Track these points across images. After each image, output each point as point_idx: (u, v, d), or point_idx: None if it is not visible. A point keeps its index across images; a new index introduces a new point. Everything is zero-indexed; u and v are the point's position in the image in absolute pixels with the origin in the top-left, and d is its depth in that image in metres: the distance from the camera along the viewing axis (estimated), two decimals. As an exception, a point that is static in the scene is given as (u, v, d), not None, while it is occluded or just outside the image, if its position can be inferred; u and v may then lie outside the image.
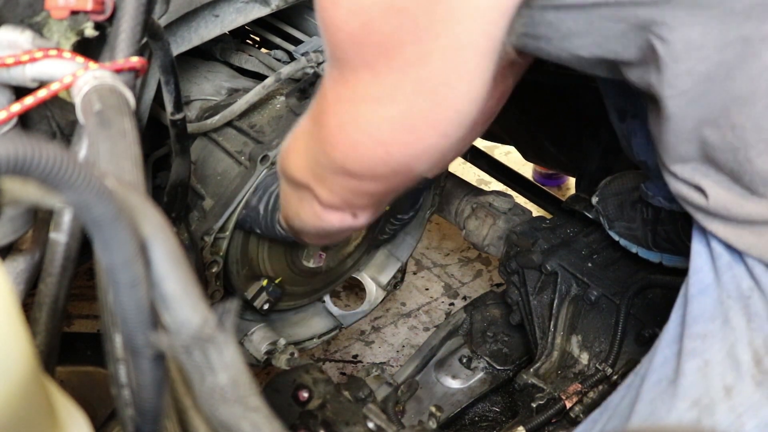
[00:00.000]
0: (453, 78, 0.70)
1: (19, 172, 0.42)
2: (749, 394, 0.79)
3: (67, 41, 0.82)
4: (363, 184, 0.82)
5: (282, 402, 1.03)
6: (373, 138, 0.75)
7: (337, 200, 0.88)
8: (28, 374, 0.50)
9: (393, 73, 0.70)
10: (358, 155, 0.78)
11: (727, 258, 0.82)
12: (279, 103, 1.35)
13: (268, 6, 1.18)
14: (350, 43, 0.70)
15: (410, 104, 0.71)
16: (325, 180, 0.86)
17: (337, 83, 0.75)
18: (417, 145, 0.75)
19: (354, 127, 0.76)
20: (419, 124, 0.73)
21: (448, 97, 0.71)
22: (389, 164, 0.77)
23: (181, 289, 0.50)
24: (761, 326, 0.79)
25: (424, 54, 0.68)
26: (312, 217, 0.96)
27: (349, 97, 0.74)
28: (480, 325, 1.68)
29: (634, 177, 1.45)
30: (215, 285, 1.32)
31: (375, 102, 0.73)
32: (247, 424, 0.50)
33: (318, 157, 0.84)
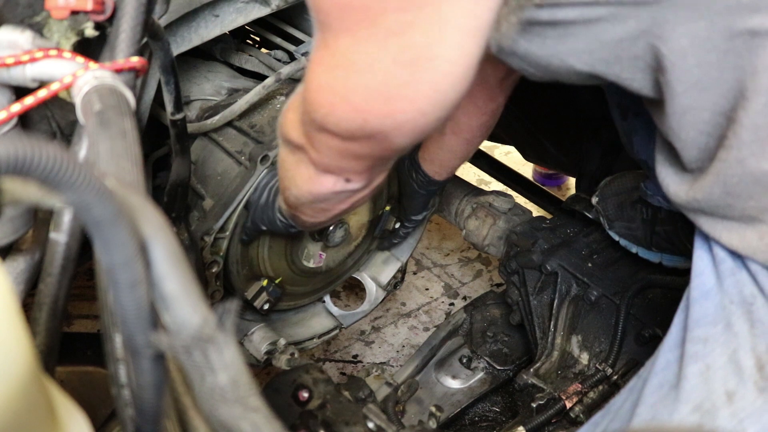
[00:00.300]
0: (434, 52, 0.69)
1: (19, 172, 0.42)
2: (751, 400, 0.79)
3: (67, 41, 0.82)
4: (345, 144, 0.82)
5: (282, 402, 1.03)
6: (350, 103, 0.75)
7: (326, 160, 0.88)
8: (28, 374, 0.50)
9: (373, 41, 0.70)
10: (336, 118, 0.78)
11: (730, 263, 0.82)
12: (279, 103, 1.35)
13: (268, 6, 1.19)
14: (333, 8, 0.70)
15: (387, 74, 0.71)
16: (313, 139, 0.86)
17: (319, 47, 0.76)
18: (393, 116, 0.74)
19: (331, 91, 0.76)
20: (396, 95, 0.72)
21: (427, 72, 0.70)
22: (365, 129, 0.77)
23: (181, 289, 0.50)
24: (764, 332, 0.79)
25: (406, 24, 0.67)
26: (307, 181, 0.96)
27: (329, 61, 0.74)
28: (480, 325, 1.68)
29: (634, 177, 1.45)
30: (215, 285, 1.32)
31: (353, 68, 0.72)
32: (247, 424, 0.50)
33: (303, 116, 0.85)
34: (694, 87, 0.73)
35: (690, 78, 0.73)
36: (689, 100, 0.75)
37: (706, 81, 0.73)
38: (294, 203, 1.07)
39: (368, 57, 0.71)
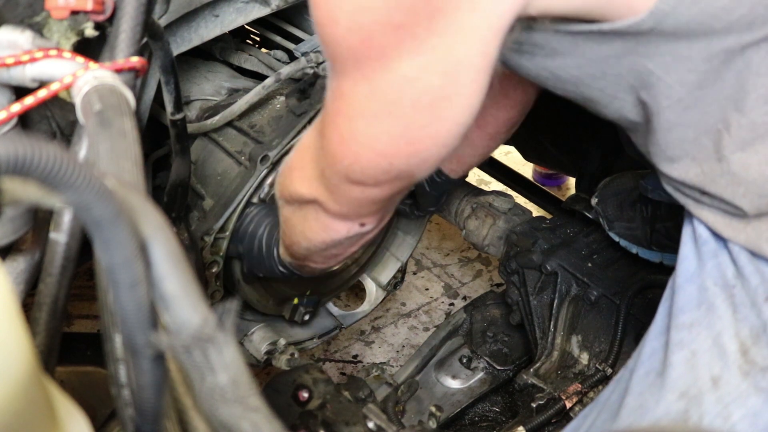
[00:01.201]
0: (451, 93, 0.71)
1: (19, 172, 0.42)
2: (736, 384, 0.80)
3: (67, 41, 0.82)
4: (368, 191, 0.84)
5: (282, 402, 1.03)
6: (374, 150, 0.76)
7: (345, 209, 0.90)
8: (28, 374, 0.50)
9: (391, 88, 0.71)
10: (361, 167, 0.79)
11: (713, 245, 0.83)
12: (279, 103, 1.35)
13: (268, 6, 1.18)
14: (349, 57, 0.70)
15: (409, 119, 0.72)
16: (332, 190, 0.87)
17: (336, 97, 0.76)
18: (417, 155, 0.76)
19: (354, 141, 0.77)
20: (419, 137, 0.74)
21: (446, 111, 0.72)
22: (391, 173, 0.79)
23: (181, 289, 0.50)
24: (746, 316, 0.80)
25: (423, 69, 0.68)
26: (320, 231, 0.97)
27: (348, 111, 0.75)
28: (480, 325, 1.68)
29: (634, 177, 1.45)
30: (215, 285, 1.32)
31: (373, 117, 0.74)
32: (247, 424, 0.50)
33: (323, 169, 0.85)
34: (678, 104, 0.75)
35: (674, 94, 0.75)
36: (674, 116, 0.77)
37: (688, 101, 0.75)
38: (304, 255, 1.08)
39: (387, 104, 0.72)
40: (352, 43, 0.68)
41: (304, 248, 1.05)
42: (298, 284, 1.49)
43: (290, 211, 1.01)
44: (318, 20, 0.70)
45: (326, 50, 0.73)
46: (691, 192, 0.84)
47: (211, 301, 1.32)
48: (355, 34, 0.67)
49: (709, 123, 0.77)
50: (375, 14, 0.65)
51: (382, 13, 0.64)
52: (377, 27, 0.66)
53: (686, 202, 0.86)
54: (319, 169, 0.87)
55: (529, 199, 2.15)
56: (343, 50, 0.70)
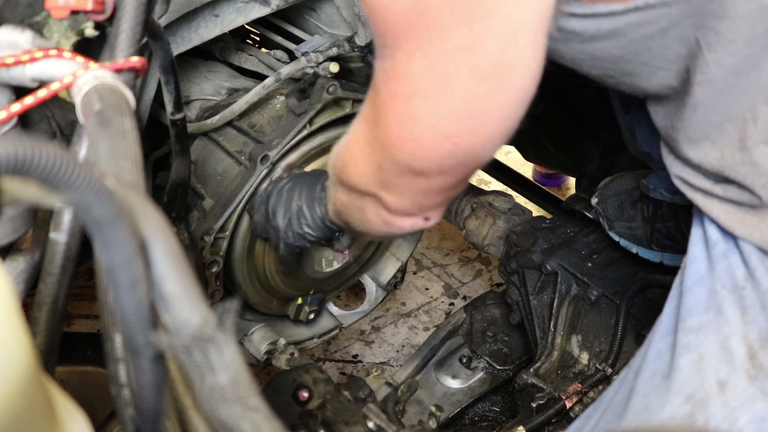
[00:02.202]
0: (511, 58, 0.67)
1: (19, 172, 0.42)
2: (743, 389, 0.79)
3: (67, 41, 0.82)
4: (431, 180, 0.79)
5: (282, 402, 1.03)
6: (437, 131, 0.72)
7: (407, 204, 0.85)
8: (28, 374, 0.50)
9: (448, 59, 0.67)
10: (424, 151, 0.74)
11: (723, 246, 0.82)
12: (279, 103, 1.35)
13: (268, 6, 1.18)
14: (402, 26, 0.67)
15: (470, 91, 0.69)
16: (392, 185, 0.82)
17: (390, 77, 0.72)
18: (482, 131, 0.72)
19: (415, 123, 0.72)
20: (482, 110, 0.70)
21: (508, 78, 0.69)
22: (456, 155, 0.74)
23: (181, 289, 0.50)
24: (756, 319, 0.79)
25: (480, 35, 0.65)
26: (380, 225, 0.91)
27: (405, 91, 0.71)
28: (480, 325, 1.68)
29: (634, 177, 1.45)
30: (215, 285, 1.32)
31: (433, 94, 0.70)
32: (247, 424, 0.50)
33: (381, 163, 0.80)
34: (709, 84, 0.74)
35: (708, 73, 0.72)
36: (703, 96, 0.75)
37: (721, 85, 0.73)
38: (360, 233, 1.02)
39: (446, 77, 0.68)
40: (403, 6, 0.65)
41: (362, 231, 0.99)
42: (299, 284, 1.50)
43: (348, 197, 0.95)
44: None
45: (376, 22, 0.70)
46: (703, 182, 0.82)
47: (211, 301, 1.32)
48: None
49: (736, 111, 0.74)
50: None
51: None
52: None
53: (695, 197, 0.84)
54: (375, 164, 0.81)
55: (529, 199, 2.15)
56: (394, 18, 0.67)
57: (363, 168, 0.84)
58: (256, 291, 1.43)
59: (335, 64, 1.28)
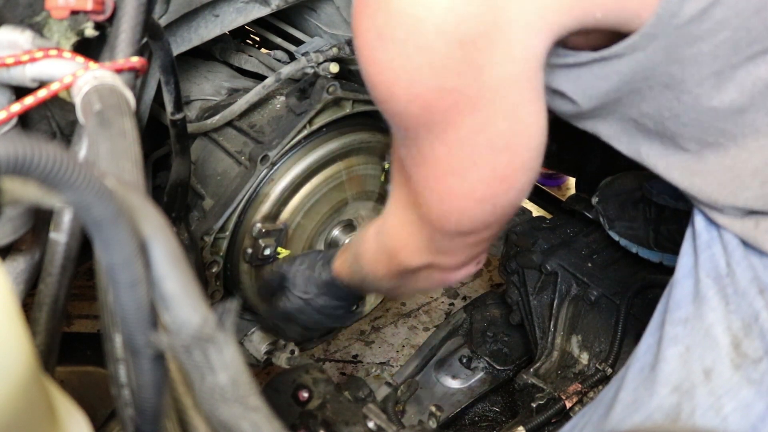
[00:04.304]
0: (520, 129, 0.74)
1: (19, 172, 0.42)
2: (728, 377, 0.81)
3: (67, 41, 0.82)
4: (481, 234, 0.87)
5: (282, 402, 1.03)
6: (476, 200, 0.80)
7: (463, 258, 0.94)
8: (28, 374, 0.50)
9: (465, 143, 0.74)
10: (469, 218, 0.82)
11: (706, 237, 0.85)
12: (279, 103, 1.35)
13: (268, 6, 1.18)
14: (417, 125, 0.74)
15: (492, 163, 0.76)
16: (447, 249, 0.91)
17: (419, 163, 0.80)
18: (513, 188, 0.80)
19: (454, 197, 0.80)
20: (509, 173, 0.78)
21: (523, 143, 0.76)
22: (496, 212, 0.82)
23: (181, 289, 0.50)
24: (739, 308, 0.81)
25: (486, 119, 0.72)
26: (438, 283, 1.01)
27: (436, 173, 0.79)
28: (480, 325, 1.68)
29: (635, 177, 1.45)
30: (215, 285, 1.32)
31: (462, 171, 0.77)
32: (247, 424, 0.50)
33: (432, 235, 0.88)
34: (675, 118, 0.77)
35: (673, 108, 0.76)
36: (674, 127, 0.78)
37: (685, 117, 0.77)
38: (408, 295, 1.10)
39: (468, 156, 0.76)
40: (415, 111, 0.72)
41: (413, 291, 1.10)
42: None
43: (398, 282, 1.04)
44: (380, 99, 0.74)
45: (394, 123, 0.77)
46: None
47: (211, 301, 1.32)
48: (415, 104, 0.71)
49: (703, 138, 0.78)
50: (427, 83, 0.69)
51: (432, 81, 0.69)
52: (433, 94, 0.70)
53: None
54: (425, 238, 0.90)
55: (529, 199, 2.14)
56: (410, 120, 0.74)
57: (414, 246, 0.93)
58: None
59: (335, 64, 1.29)
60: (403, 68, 0.69)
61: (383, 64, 0.71)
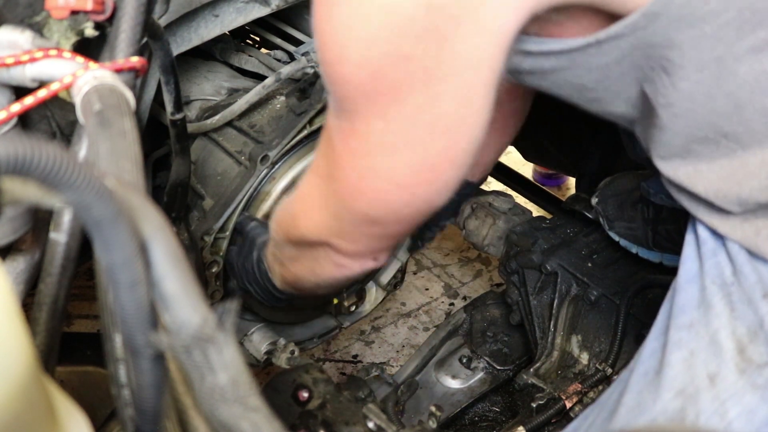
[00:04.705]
0: (465, 115, 0.71)
1: (19, 172, 0.42)
2: (733, 381, 0.80)
3: (67, 41, 0.82)
4: (387, 228, 0.84)
5: (282, 402, 1.03)
6: (396, 183, 0.76)
7: (361, 248, 0.90)
8: (28, 374, 0.50)
9: (406, 120, 0.71)
10: (383, 202, 0.79)
11: (712, 244, 0.83)
12: (279, 103, 1.35)
13: (268, 6, 1.18)
14: (360, 95, 0.70)
15: (427, 147, 0.73)
16: (347, 233, 0.87)
17: (348, 135, 0.76)
18: (438, 181, 0.77)
19: (374, 177, 0.76)
20: (438, 162, 0.74)
21: (463, 132, 0.73)
22: (412, 204, 0.79)
23: (181, 289, 0.50)
24: (744, 314, 0.80)
25: (435, 97, 0.68)
26: (332, 270, 0.97)
27: (363, 148, 0.75)
28: (480, 325, 1.68)
29: (634, 177, 1.45)
30: (215, 285, 1.32)
31: (392, 150, 0.73)
32: (247, 424, 0.50)
33: (338, 212, 0.84)
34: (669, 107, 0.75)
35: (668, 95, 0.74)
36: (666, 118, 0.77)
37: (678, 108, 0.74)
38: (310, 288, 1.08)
39: (404, 135, 0.72)
40: (362, 79, 0.68)
41: (312, 283, 1.04)
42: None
43: (297, 252, 1.00)
44: (327, 60, 0.70)
45: (335, 90, 0.73)
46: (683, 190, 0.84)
47: (211, 301, 1.32)
48: (365, 69, 0.67)
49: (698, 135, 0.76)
50: (384, 46, 0.65)
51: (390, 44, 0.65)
52: (387, 60, 0.66)
53: (680, 198, 0.86)
54: (330, 214, 0.86)
55: (529, 199, 2.15)
56: (353, 88, 0.70)
57: (317, 218, 0.89)
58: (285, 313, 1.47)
59: (335, 64, 1.28)
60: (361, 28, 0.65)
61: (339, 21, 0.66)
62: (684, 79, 0.72)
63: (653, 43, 0.70)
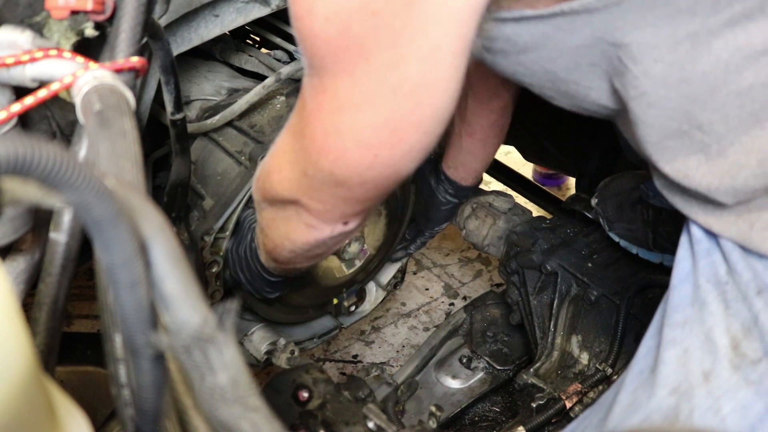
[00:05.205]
0: (431, 78, 0.71)
1: (19, 172, 0.42)
2: (727, 378, 0.81)
3: (67, 41, 0.82)
4: (352, 190, 0.83)
5: (282, 402, 1.03)
6: (359, 143, 0.76)
7: (329, 208, 0.89)
8: (28, 374, 0.50)
9: (372, 78, 0.71)
10: (346, 161, 0.78)
11: (706, 244, 0.84)
12: (279, 103, 1.35)
13: (268, 6, 1.18)
14: (328, 50, 0.71)
15: (391, 108, 0.73)
16: (314, 191, 0.87)
17: (318, 92, 0.76)
18: (402, 145, 0.76)
19: (339, 135, 0.77)
20: (402, 125, 0.74)
21: (428, 97, 0.72)
22: (376, 167, 0.78)
23: (181, 289, 0.50)
24: (738, 311, 0.81)
25: (401, 57, 0.69)
26: (303, 231, 0.96)
27: (331, 106, 0.75)
28: (480, 325, 1.68)
29: (633, 177, 1.45)
30: (215, 285, 1.32)
31: (356, 108, 0.74)
32: (247, 424, 0.50)
33: (306, 169, 0.84)
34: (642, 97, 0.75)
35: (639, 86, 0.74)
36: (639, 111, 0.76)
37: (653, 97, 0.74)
38: (287, 258, 1.08)
39: (369, 94, 0.72)
40: (330, 34, 0.68)
41: (288, 250, 1.04)
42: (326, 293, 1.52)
43: (273, 212, 1.00)
44: (296, 14, 0.70)
45: (304, 46, 0.73)
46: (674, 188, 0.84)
47: (211, 301, 1.32)
48: (333, 24, 0.68)
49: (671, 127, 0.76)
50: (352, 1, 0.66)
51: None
52: (355, 14, 0.66)
53: (674, 200, 0.86)
54: (299, 170, 0.86)
55: (529, 199, 2.15)
56: (321, 43, 0.70)
57: (287, 174, 0.89)
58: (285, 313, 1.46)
59: (335, 64, 1.28)
60: None
61: None
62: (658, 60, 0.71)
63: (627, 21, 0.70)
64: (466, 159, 1.43)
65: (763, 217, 0.77)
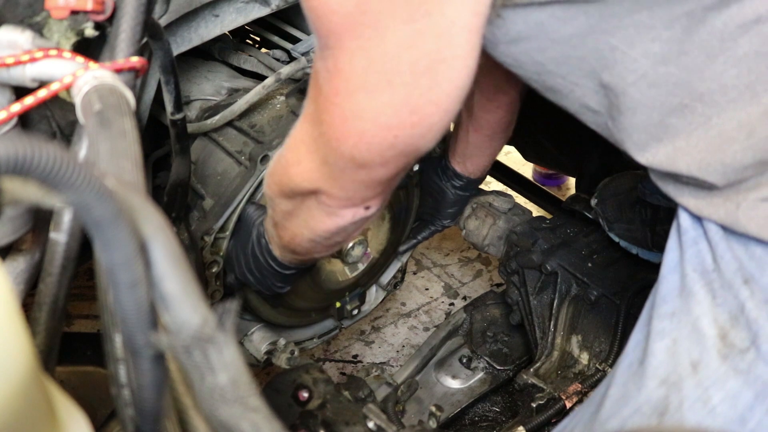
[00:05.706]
0: (448, 55, 0.71)
1: (19, 172, 0.42)
2: (715, 368, 0.80)
3: (67, 41, 0.82)
4: (373, 172, 0.83)
5: (282, 402, 1.03)
6: (379, 124, 0.76)
7: (351, 193, 0.89)
8: (28, 374, 0.50)
9: (388, 57, 0.71)
10: (367, 144, 0.78)
11: (692, 234, 0.83)
12: (279, 103, 1.35)
13: (268, 6, 1.18)
14: (345, 26, 0.70)
15: (408, 86, 0.72)
16: (335, 178, 0.86)
17: (333, 75, 0.75)
18: (421, 123, 0.76)
19: (358, 118, 0.76)
20: (420, 103, 0.74)
21: (445, 73, 0.72)
22: (397, 147, 0.78)
23: (181, 289, 0.50)
24: (725, 300, 0.80)
25: (418, 33, 0.69)
26: (324, 220, 0.96)
27: (348, 89, 0.75)
28: (480, 325, 1.68)
29: (633, 177, 1.45)
30: (215, 285, 1.32)
31: (374, 89, 0.73)
32: (247, 424, 0.50)
33: (326, 157, 0.84)
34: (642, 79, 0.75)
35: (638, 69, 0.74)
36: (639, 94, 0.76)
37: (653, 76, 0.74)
38: (307, 248, 1.07)
39: (386, 74, 0.72)
40: (348, 8, 0.68)
41: (308, 240, 1.03)
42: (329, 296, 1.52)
43: (290, 205, 1.00)
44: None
45: (321, 27, 0.73)
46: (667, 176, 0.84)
47: (211, 301, 1.32)
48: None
49: (673, 103, 0.76)
50: None
51: None
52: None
53: (666, 188, 0.85)
54: (319, 158, 0.85)
55: (529, 199, 2.15)
56: (340, 20, 0.70)
57: (307, 164, 0.89)
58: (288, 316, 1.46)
59: (335, 64, 1.28)
60: None
61: None
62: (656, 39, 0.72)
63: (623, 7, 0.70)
64: (473, 153, 1.44)
65: (749, 197, 0.77)
